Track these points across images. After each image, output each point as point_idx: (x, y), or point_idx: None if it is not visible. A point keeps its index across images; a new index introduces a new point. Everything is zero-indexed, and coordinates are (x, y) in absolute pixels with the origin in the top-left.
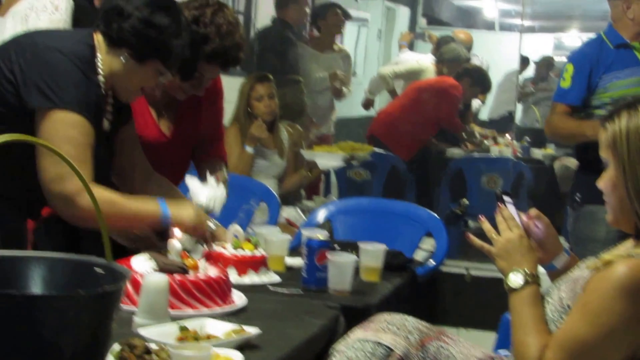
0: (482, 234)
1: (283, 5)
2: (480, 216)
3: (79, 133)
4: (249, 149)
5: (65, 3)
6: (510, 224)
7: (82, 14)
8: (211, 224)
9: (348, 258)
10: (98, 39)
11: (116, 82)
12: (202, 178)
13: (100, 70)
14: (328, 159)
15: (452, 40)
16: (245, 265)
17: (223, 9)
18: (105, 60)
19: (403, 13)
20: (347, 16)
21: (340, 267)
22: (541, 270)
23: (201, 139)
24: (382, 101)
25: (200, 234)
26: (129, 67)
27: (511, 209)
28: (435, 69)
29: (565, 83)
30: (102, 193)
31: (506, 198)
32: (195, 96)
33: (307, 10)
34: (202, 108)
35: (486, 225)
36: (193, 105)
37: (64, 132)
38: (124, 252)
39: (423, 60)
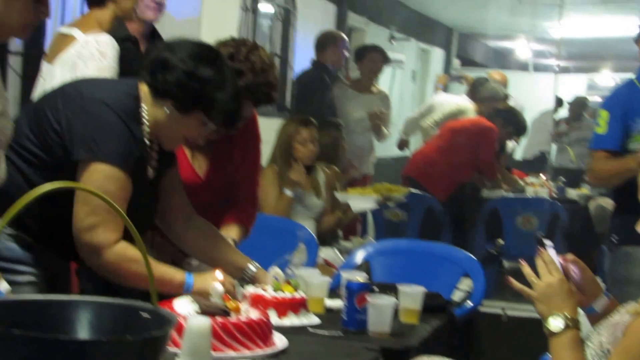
0: (518, 275)
1: (321, 48)
2: (520, 260)
3: (115, 186)
4: (289, 193)
5: (111, 50)
6: (551, 267)
7: (128, 59)
8: (252, 267)
9: (388, 300)
10: (143, 89)
11: (160, 131)
12: None
13: (144, 120)
14: (361, 202)
15: (487, 81)
16: (285, 307)
17: (258, 48)
18: (149, 111)
19: (437, 55)
20: (386, 59)
21: (380, 309)
22: (580, 312)
23: (236, 182)
24: (416, 141)
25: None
26: (173, 117)
27: (551, 252)
28: (475, 109)
29: (601, 129)
30: (130, 251)
31: (546, 242)
32: (229, 136)
33: (346, 52)
34: (236, 149)
35: (526, 270)
36: (227, 145)
37: (101, 184)
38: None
39: (462, 101)
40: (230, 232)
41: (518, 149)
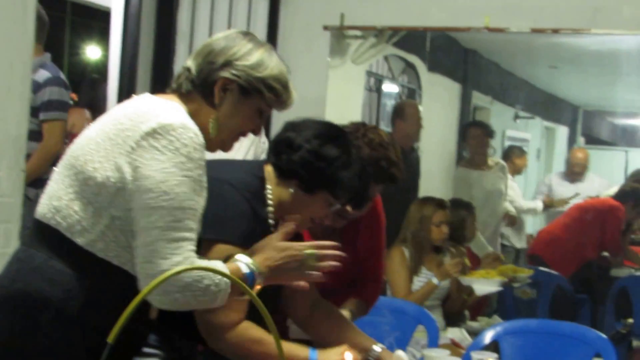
0: None
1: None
2: None
3: None
4: (435, 281)
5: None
6: None
7: None
8: (377, 348)
9: None
10: (268, 170)
11: (285, 212)
12: None
13: (269, 201)
14: (485, 285)
15: None
16: None
17: (377, 128)
18: (274, 191)
19: (562, 132)
20: (489, 134)
21: None
22: None
23: (360, 264)
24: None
25: None
26: (298, 198)
27: None
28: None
29: None
30: (253, 331)
31: None
32: (353, 222)
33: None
34: (361, 233)
35: None
36: (352, 231)
37: None
38: None
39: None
40: (349, 305)
41: None
